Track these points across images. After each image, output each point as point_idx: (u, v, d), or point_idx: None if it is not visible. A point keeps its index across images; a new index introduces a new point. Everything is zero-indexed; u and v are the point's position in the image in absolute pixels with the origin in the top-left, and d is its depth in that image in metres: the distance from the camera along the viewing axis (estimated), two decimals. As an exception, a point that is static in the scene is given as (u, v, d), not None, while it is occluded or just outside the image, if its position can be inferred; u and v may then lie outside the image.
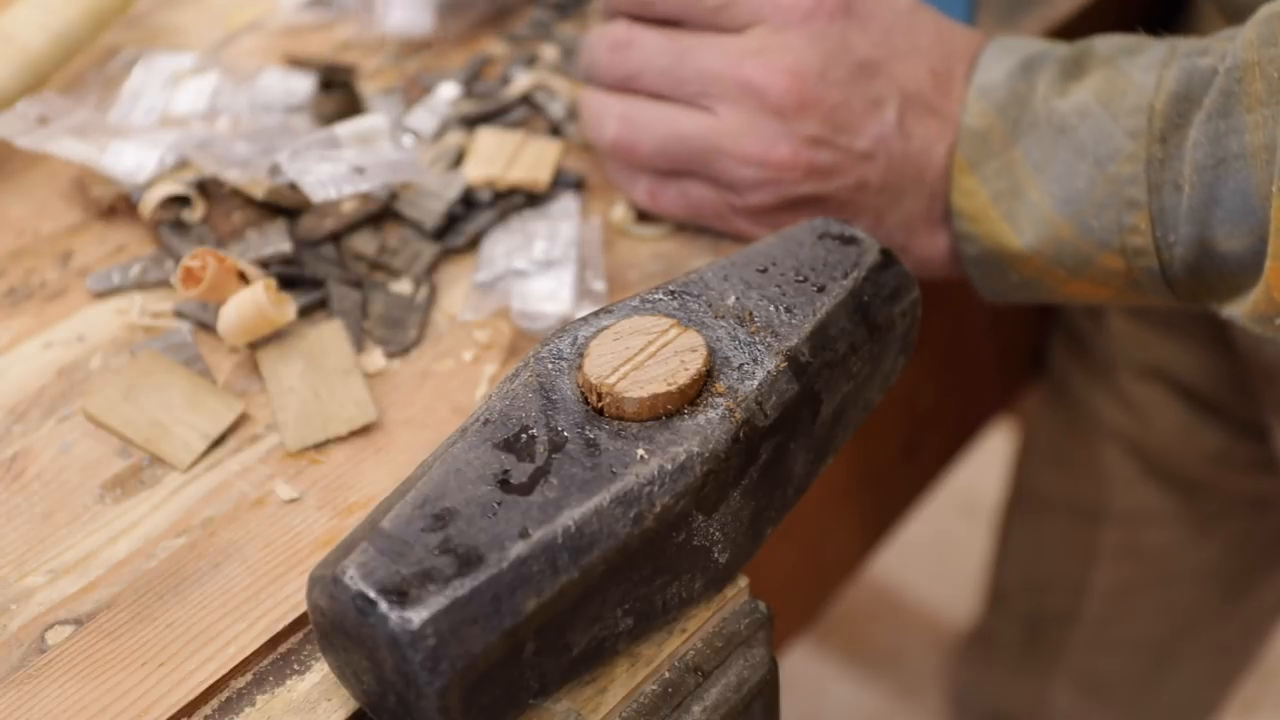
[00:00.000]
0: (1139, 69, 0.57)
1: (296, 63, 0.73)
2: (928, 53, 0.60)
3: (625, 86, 0.62)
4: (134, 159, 0.63)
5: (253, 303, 0.55)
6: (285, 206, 0.63)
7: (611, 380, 0.46)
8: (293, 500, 0.52)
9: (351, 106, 0.69)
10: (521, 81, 0.72)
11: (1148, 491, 0.97)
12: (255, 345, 0.57)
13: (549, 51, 0.75)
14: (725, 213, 0.63)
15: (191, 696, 0.46)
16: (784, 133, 0.59)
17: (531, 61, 0.74)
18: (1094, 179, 0.56)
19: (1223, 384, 0.89)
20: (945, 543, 1.68)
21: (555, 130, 0.70)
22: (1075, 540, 1.02)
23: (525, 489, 0.43)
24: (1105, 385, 0.95)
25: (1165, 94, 0.55)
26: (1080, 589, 1.02)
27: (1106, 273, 0.58)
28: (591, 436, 0.45)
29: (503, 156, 0.65)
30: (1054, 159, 0.57)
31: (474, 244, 0.64)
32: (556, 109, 0.70)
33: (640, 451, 0.45)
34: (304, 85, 0.71)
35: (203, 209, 0.63)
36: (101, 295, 0.60)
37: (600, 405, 0.46)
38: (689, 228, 0.65)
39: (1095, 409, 0.96)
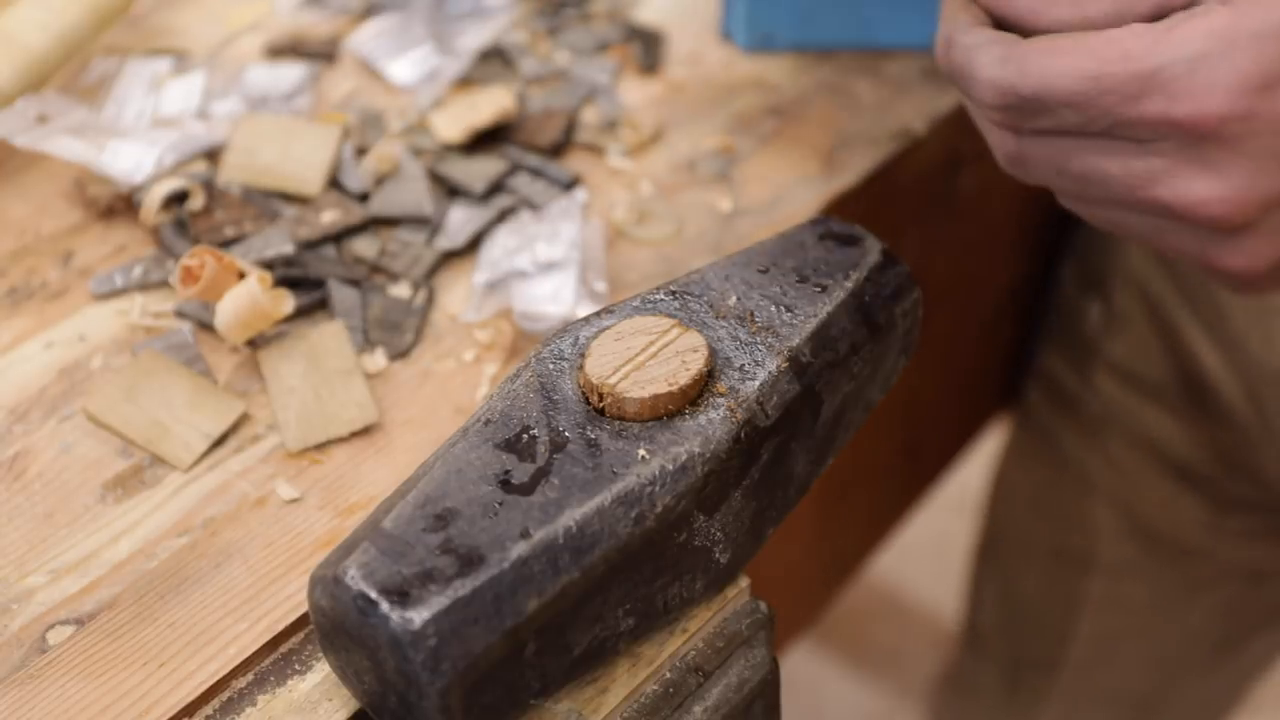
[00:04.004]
0: None
1: (279, 52, 0.73)
2: None
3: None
4: (132, 158, 0.64)
5: (248, 296, 0.55)
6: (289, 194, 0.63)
7: (613, 380, 0.46)
8: (294, 500, 0.52)
9: None
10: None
11: (1137, 550, 0.93)
12: (256, 345, 0.57)
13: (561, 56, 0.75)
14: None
15: (192, 696, 0.46)
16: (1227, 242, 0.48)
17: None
18: None
19: (1209, 459, 0.86)
20: (945, 543, 1.68)
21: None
22: (1058, 587, 0.99)
23: (526, 489, 0.43)
24: (1096, 447, 0.92)
25: None
26: (1063, 636, 0.99)
27: None
28: (593, 436, 0.45)
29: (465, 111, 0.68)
30: None
31: (474, 245, 0.64)
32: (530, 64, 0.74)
33: (641, 451, 0.45)
34: (292, 74, 0.71)
35: (203, 202, 0.63)
36: (103, 297, 0.60)
37: (601, 405, 0.46)
38: (689, 229, 0.65)
39: (1085, 467, 0.93)
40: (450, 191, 0.66)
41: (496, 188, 0.66)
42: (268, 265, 0.60)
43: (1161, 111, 0.46)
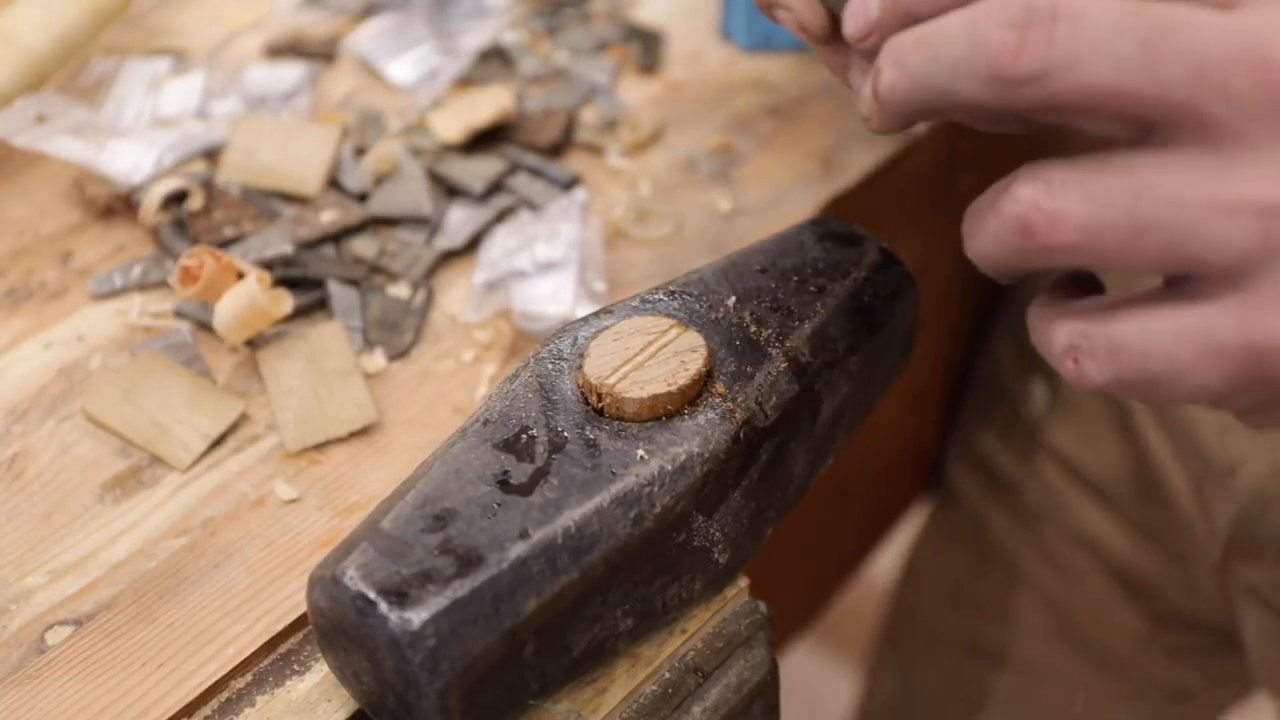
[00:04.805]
0: None
1: (279, 52, 0.73)
2: None
3: (1041, 99, 0.34)
4: (131, 158, 0.63)
5: (247, 296, 0.55)
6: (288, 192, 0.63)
7: (611, 380, 0.46)
8: (293, 501, 0.52)
9: None
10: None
11: (1058, 652, 0.88)
12: (255, 346, 0.57)
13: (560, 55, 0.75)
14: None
15: (191, 697, 0.46)
16: None
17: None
18: None
19: (1152, 564, 0.82)
20: (945, 543, 1.67)
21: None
22: (964, 679, 0.93)
23: (525, 489, 0.43)
24: (1031, 539, 0.87)
25: None
26: None
27: None
28: (591, 437, 0.45)
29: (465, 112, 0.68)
30: None
31: (474, 245, 0.64)
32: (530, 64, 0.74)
33: (640, 452, 0.45)
34: (291, 74, 0.71)
35: (202, 202, 0.63)
36: (102, 297, 0.60)
37: (600, 405, 0.46)
38: (689, 229, 0.65)
39: (1016, 559, 0.87)
40: (449, 191, 0.66)
41: (496, 188, 0.66)
42: (267, 265, 0.60)
43: None
